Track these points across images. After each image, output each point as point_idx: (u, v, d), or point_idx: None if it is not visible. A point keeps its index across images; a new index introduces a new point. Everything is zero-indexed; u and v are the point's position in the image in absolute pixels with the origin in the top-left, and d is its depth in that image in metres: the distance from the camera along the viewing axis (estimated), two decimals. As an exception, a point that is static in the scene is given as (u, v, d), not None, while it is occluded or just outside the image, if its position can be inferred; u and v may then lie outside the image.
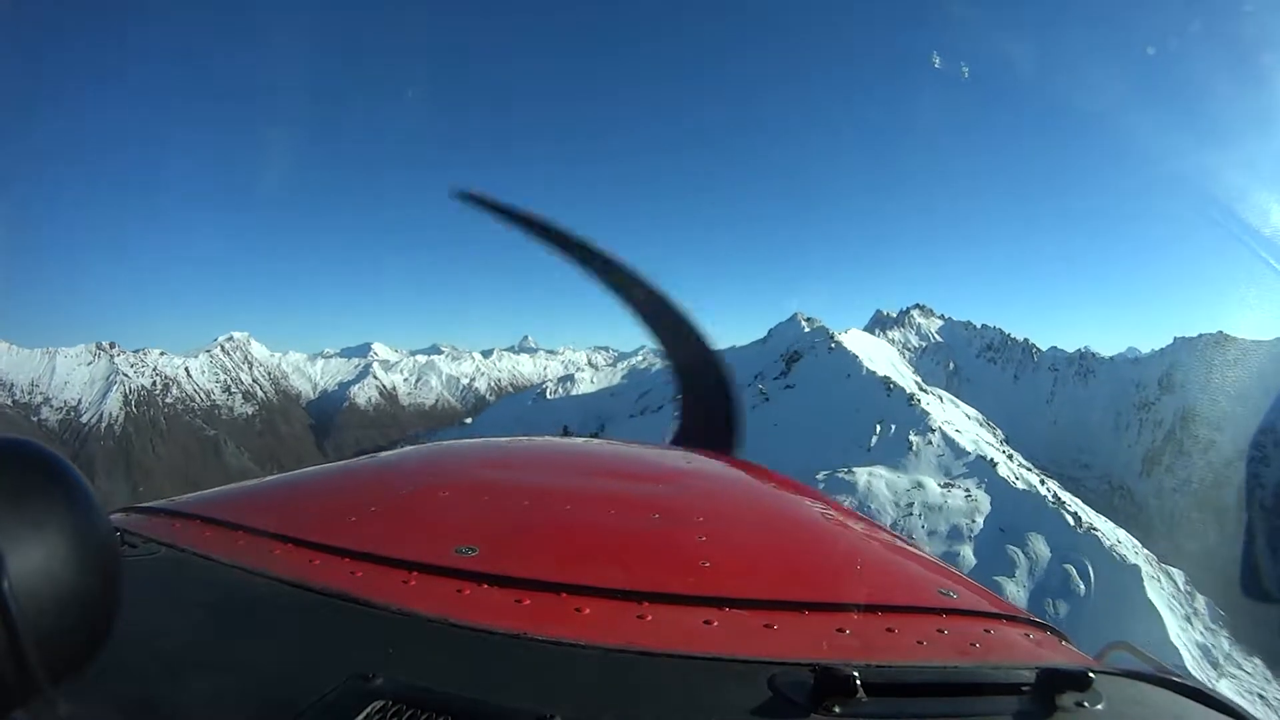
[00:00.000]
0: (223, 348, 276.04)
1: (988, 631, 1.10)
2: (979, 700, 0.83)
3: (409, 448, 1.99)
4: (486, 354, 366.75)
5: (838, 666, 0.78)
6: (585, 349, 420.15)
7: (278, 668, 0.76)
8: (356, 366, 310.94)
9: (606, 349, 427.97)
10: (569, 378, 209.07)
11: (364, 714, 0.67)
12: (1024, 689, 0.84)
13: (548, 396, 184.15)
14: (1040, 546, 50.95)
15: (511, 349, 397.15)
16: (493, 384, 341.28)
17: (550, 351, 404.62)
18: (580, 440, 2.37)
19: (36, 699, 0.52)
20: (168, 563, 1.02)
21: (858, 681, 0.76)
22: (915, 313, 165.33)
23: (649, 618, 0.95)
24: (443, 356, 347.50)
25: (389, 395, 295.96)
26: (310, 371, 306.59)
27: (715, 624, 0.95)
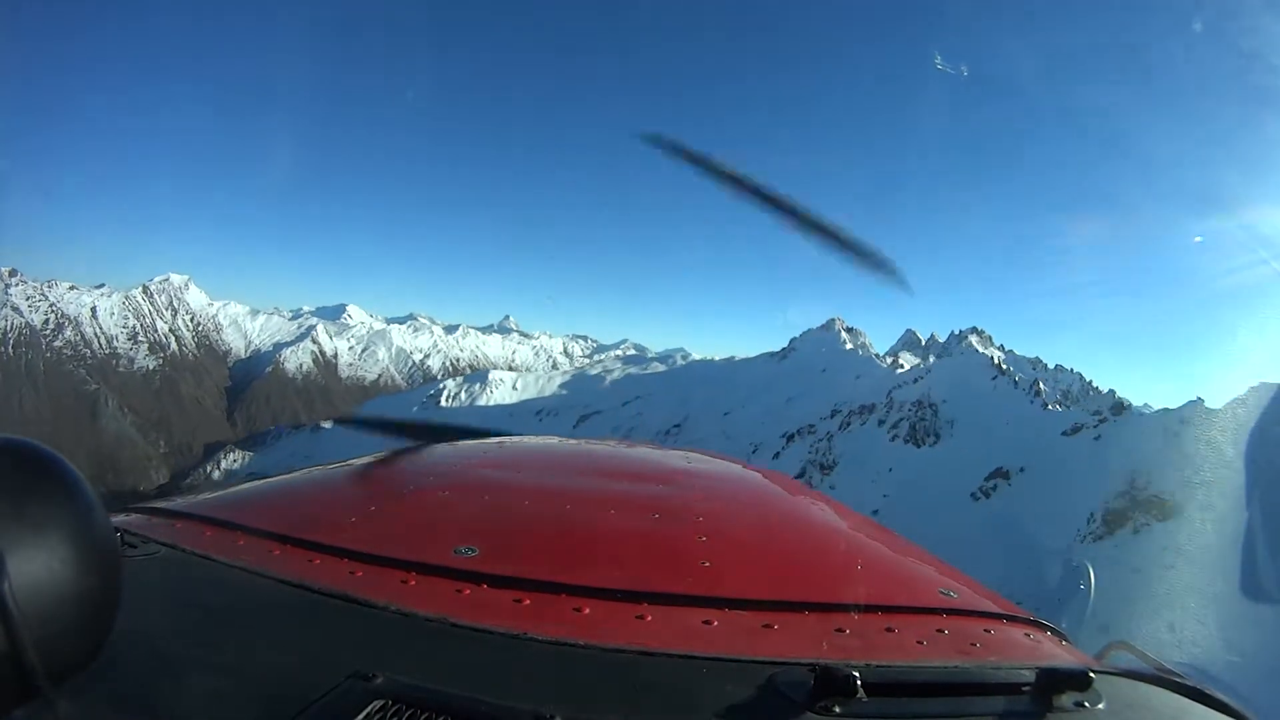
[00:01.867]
0: (146, 289, 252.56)
1: (988, 631, 1.10)
2: (979, 700, 0.84)
3: (409, 449, 1.95)
4: (451, 329, 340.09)
5: (838, 666, 0.79)
6: (562, 336, 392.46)
7: (278, 668, 0.76)
8: (299, 327, 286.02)
9: (585, 338, 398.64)
10: (481, 377, 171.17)
11: (364, 714, 0.68)
12: (1024, 689, 0.85)
13: (442, 403, 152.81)
14: None
15: (489, 328, 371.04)
16: (449, 363, 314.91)
17: (524, 335, 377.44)
18: (580, 440, 2.35)
19: (37, 699, 0.53)
20: (168, 563, 1.03)
21: (858, 681, 0.77)
22: (973, 339, 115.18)
23: (649, 618, 0.96)
24: (403, 327, 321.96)
25: (325, 363, 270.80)
26: (248, 327, 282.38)
27: (715, 624, 0.96)
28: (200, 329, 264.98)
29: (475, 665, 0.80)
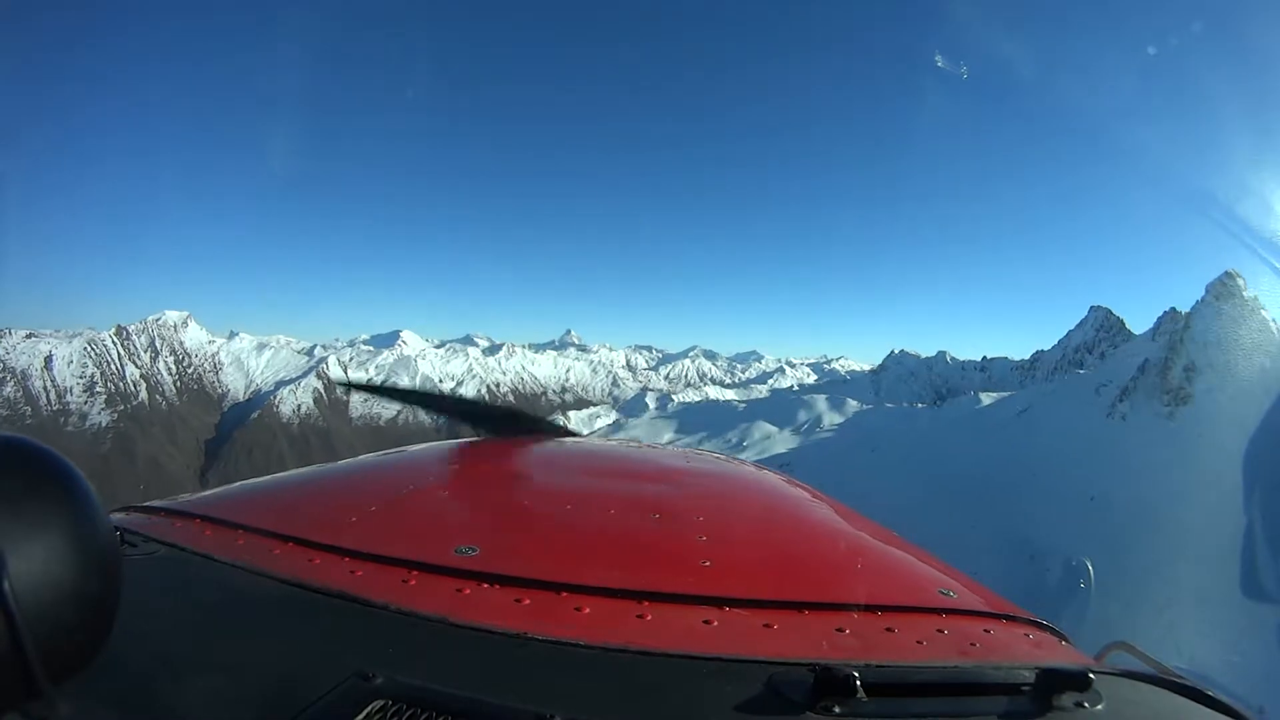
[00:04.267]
0: (121, 330, 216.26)
1: (987, 631, 1.10)
2: (978, 700, 0.84)
3: (409, 448, 1.94)
4: (492, 350, 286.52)
5: (837, 666, 0.79)
6: (624, 348, 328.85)
7: (278, 667, 0.76)
8: (307, 360, 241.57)
9: (649, 348, 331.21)
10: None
11: (364, 714, 0.68)
12: (1023, 689, 0.85)
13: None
14: None
15: (548, 345, 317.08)
16: (488, 388, 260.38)
17: (582, 349, 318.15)
18: (580, 440, 2.34)
19: (37, 699, 0.53)
20: (168, 563, 1.03)
21: (857, 681, 0.77)
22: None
23: (649, 618, 0.96)
24: (439, 351, 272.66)
25: (331, 402, 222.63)
26: (251, 365, 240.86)
27: (715, 624, 0.96)
28: (190, 371, 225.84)
29: (475, 665, 0.80)
